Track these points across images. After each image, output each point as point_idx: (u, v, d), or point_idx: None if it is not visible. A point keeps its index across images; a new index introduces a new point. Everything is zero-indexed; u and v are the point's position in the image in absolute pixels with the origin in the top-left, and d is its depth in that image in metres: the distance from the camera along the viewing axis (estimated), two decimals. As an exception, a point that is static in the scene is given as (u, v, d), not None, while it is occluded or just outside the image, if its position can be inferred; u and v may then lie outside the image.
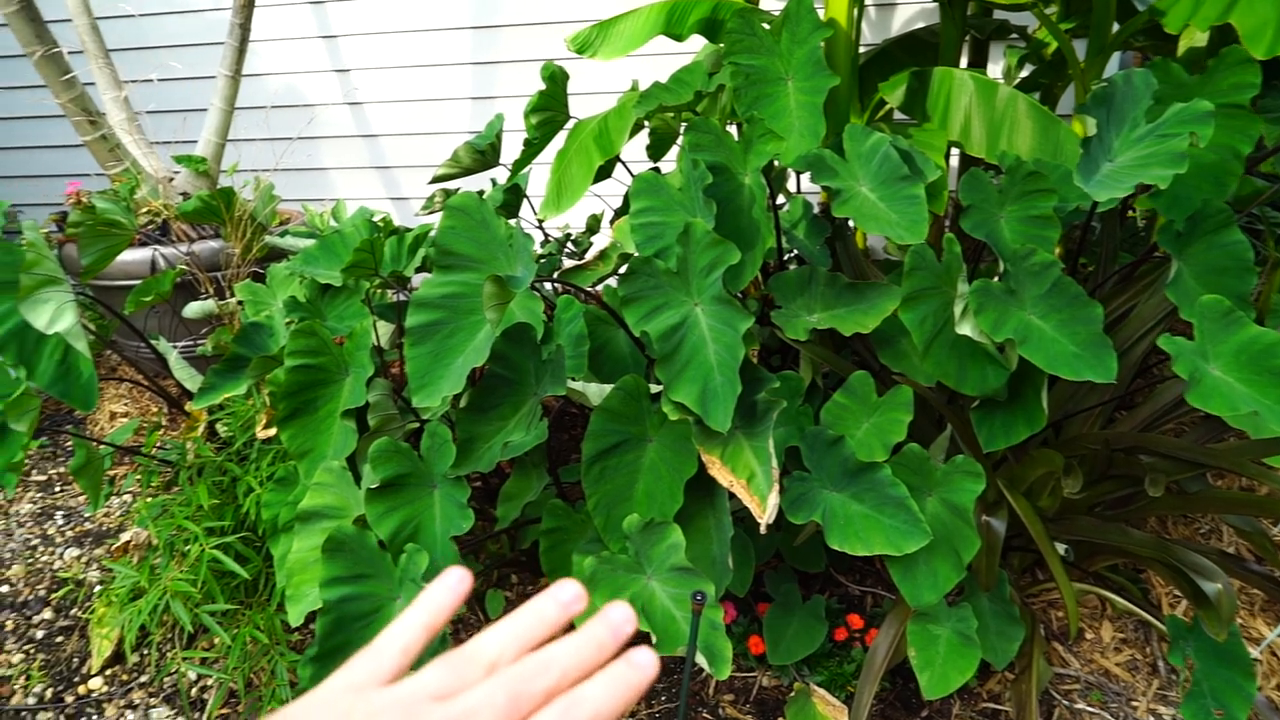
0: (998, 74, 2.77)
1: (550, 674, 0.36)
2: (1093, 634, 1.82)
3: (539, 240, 2.51)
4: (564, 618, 0.39)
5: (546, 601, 0.39)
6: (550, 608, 0.39)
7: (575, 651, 0.37)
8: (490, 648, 0.37)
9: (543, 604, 0.39)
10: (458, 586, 0.40)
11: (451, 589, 0.40)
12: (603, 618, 0.38)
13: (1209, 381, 1.29)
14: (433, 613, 0.39)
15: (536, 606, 0.39)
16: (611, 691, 0.35)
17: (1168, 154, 1.36)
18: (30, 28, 2.60)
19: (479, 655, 0.37)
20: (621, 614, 0.38)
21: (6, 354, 1.81)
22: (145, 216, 2.80)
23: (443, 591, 0.39)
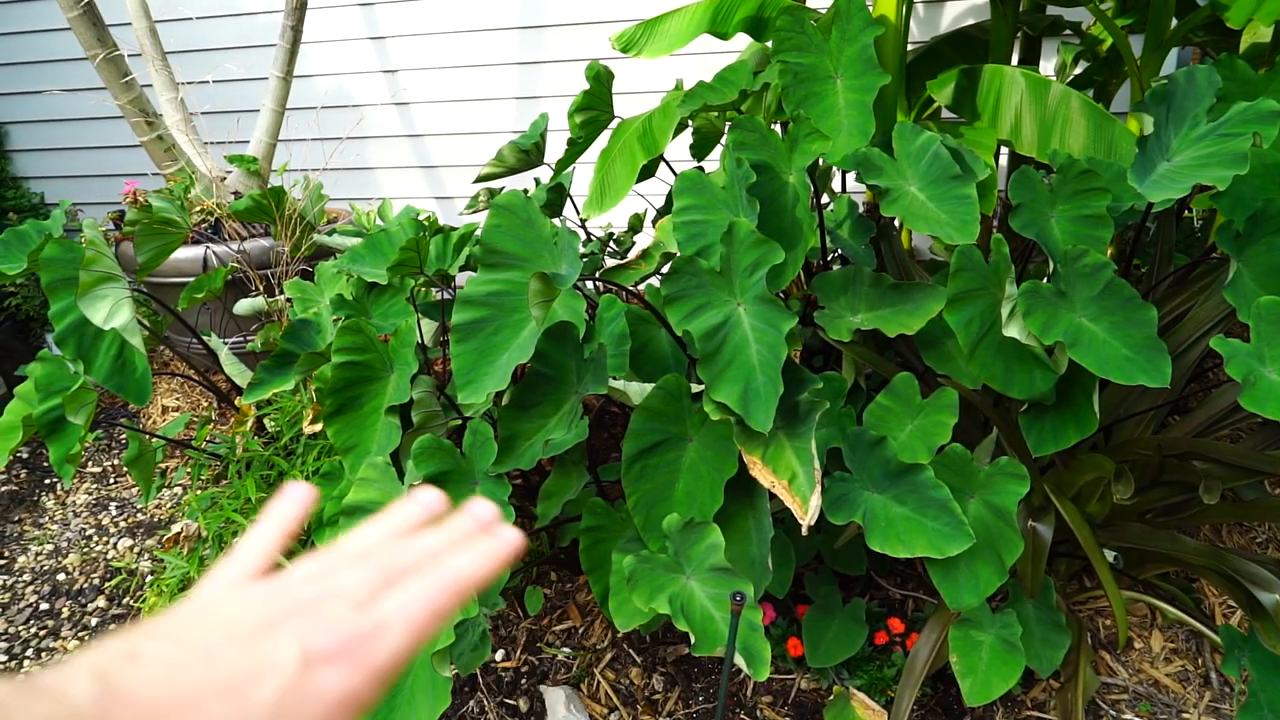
0: (1050, 71, 2.71)
1: (417, 550, 0.37)
2: (1142, 643, 1.78)
3: (581, 239, 2.52)
4: (426, 517, 0.40)
5: (408, 504, 0.41)
6: (412, 509, 0.40)
7: (443, 535, 0.39)
8: (359, 540, 0.39)
9: (405, 506, 0.40)
10: (302, 497, 0.41)
11: (297, 500, 0.41)
12: (467, 512, 0.40)
13: (1265, 385, 1.26)
14: (282, 523, 0.40)
15: (399, 508, 0.40)
16: (476, 557, 0.37)
17: (1229, 154, 1.32)
18: (92, 31, 2.68)
19: (346, 548, 0.38)
20: (485, 507, 0.40)
21: (66, 348, 1.86)
22: (198, 215, 2.86)
23: (288, 504, 0.41)
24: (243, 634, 0.33)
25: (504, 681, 1.81)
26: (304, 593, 0.35)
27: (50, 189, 3.98)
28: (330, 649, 0.33)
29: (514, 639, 1.90)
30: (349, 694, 0.32)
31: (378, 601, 0.35)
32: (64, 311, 1.86)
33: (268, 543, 0.40)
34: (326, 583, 0.36)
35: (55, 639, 2.07)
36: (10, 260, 2.05)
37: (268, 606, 0.34)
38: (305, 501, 0.41)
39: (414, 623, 0.35)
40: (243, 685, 0.31)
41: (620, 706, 1.74)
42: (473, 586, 0.37)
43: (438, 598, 0.36)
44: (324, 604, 0.34)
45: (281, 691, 0.31)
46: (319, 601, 0.35)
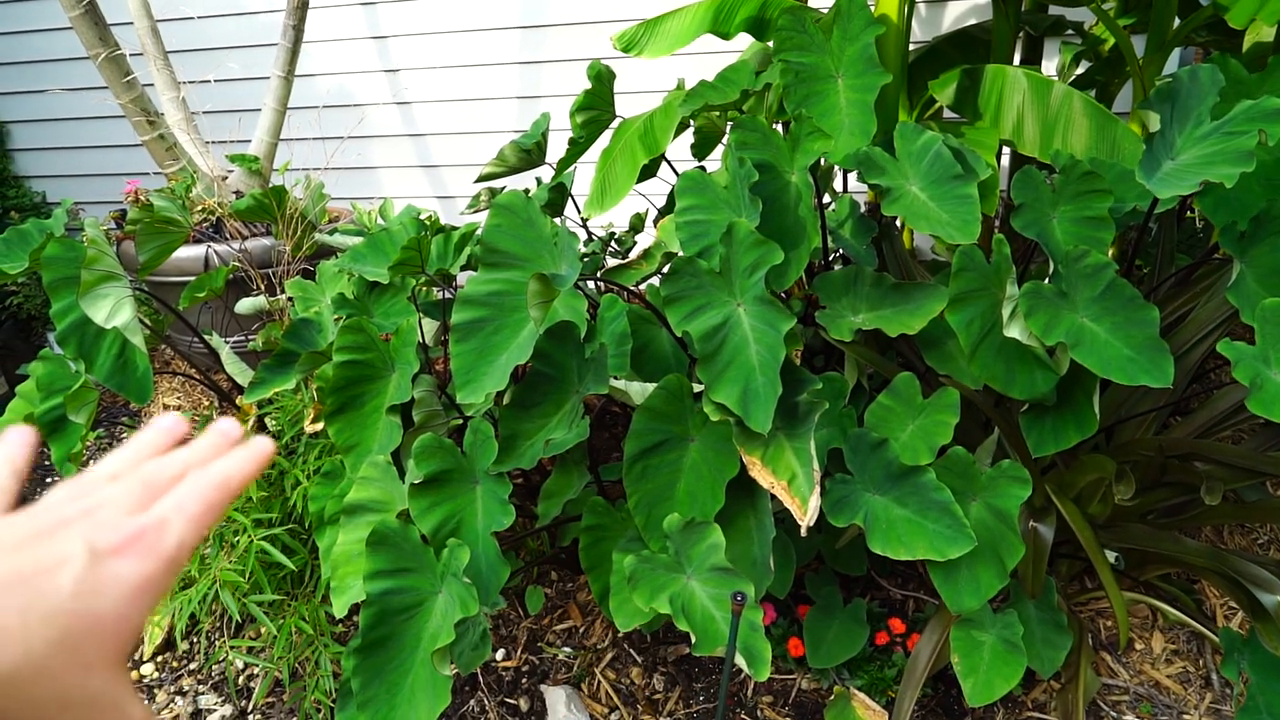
0: (1052, 71, 2.71)
1: (175, 464, 0.39)
2: (1143, 644, 1.78)
3: (583, 239, 2.52)
4: (171, 441, 0.41)
5: (150, 431, 0.41)
6: (154, 434, 0.41)
7: (194, 450, 0.40)
8: (108, 466, 0.39)
9: (147, 433, 0.41)
10: (22, 439, 0.41)
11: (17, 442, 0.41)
12: (212, 430, 0.41)
13: (1272, 387, 1.25)
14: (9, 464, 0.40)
15: (141, 435, 0.41)
16: (237, 460, 0.39)
17: (1234, 152, 1.32)
18: (94, 30, 2.68)
19: (99, 472, 0.39)
20: (228, 424, 0.42)
21: (67, 347, 1.86)
22: (200, 214, 2.86)
23: (8, 446, 0.41)
24: (22, 542, 0.33)
25: (504, 681, 1.81)
26: (71, 509, 0.36)
27: (52, 188, 3.98)
28: (117, 543, 0.34)
29: (514, 638, 1.90)
30: (144, 579, 0.33)
31: (151, 506, 0.36)
32: (65, 310, 1.86)
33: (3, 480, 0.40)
34: (91, 499, 0.36)
35: None
36: (12, 259, 2.05)
37: (38, 523, 0.35)
38: (26, 442, 0.41)
39: (191, 515, 0.36)
40: (36, 576, 0.32)
41: (621, 706, 1.74)
42: (238, 485, 0.39)
43: (208, 493, 0.37)
44: (97, 512, 0.35)
45: (78, 579, 0.32)
46: (91, 511, 0.35)
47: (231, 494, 0.38)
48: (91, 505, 0.36)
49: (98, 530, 0.34)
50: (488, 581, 1.39)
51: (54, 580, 0.32)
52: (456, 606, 1.27)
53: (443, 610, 1.31)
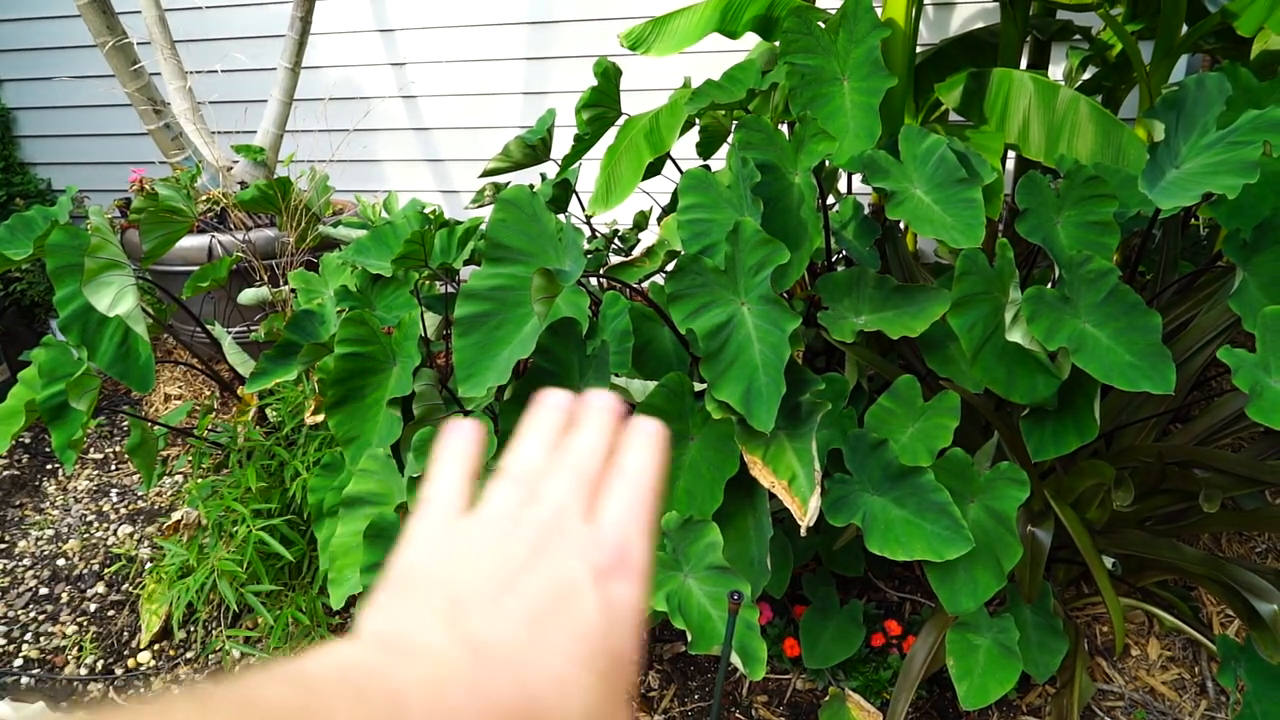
0: (1059, 76, 2.71)
1: (595, 455, 0.37)
2: (1139, 650, 1.78)
3: (586, 236, 2.52)
4: (565, 420, 0.40)
5: (543, 413, 0.40)
6: (549, 415, 0.40)
7: (598, 433, 0.38)
8: (529, 457, 0.38)
9: (541, 415, 0.40)
10: (473, 435, 0.39)
11: (469, 438, 0.39)
12: (594, 405, 0.40)
13: (1272, 395, 1.25)
14: (465, 461, 0.38)
15: (538, 419, 0.39)
16: (648, 455, 0.37)
17: (1239, 162, 1.32)
18: (102, 19, 2.68)
19: (525, 465, 0.37)
20: (605, 397, 0.40)
21: (70, 334, 1.86)
22: (204, 204, 2.87)
23: (461, 442, 0.39)
24: (523, 563, 0.32)
25: (500, 676, 1.81)
26: (533, 515, 0.34)
27: (57, 175, 3.99)
28: (607, 563, 0.32)
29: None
30: (638, 604, 0.32)
31: (598, 512, 0.34)
32: (69, 298, 1.87)
33: (459, 481, 0.38)
34: (543, 504, 0.34)
35: (54, 623, 2.07)
36: (16, 245, 2.05)
37: (514, 534, 0.33)
38: (478, 440, 0.39)
39: (644, 524, 0.34)
40: (560, 608, 0.30)
41: (616, 703, 1.74)
42: (658, 484, 0.37)
43: (645, 499, 0.35)
44: (563, 521, 0.33)
45: (598, 609, 0.30)
46: (556, 520, 0.34)
47: (657, 497, 0.36)
48: (551, 514, 0.34)
49: (582, 547, 0.32)
50: (485, 576, 1.39)
51: (579, 612, 0.30)
52: (454, 600, 1.27)
53: (440, 603, 1.31)
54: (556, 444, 0.38)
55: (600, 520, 0.34)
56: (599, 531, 0.33)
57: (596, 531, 0.33)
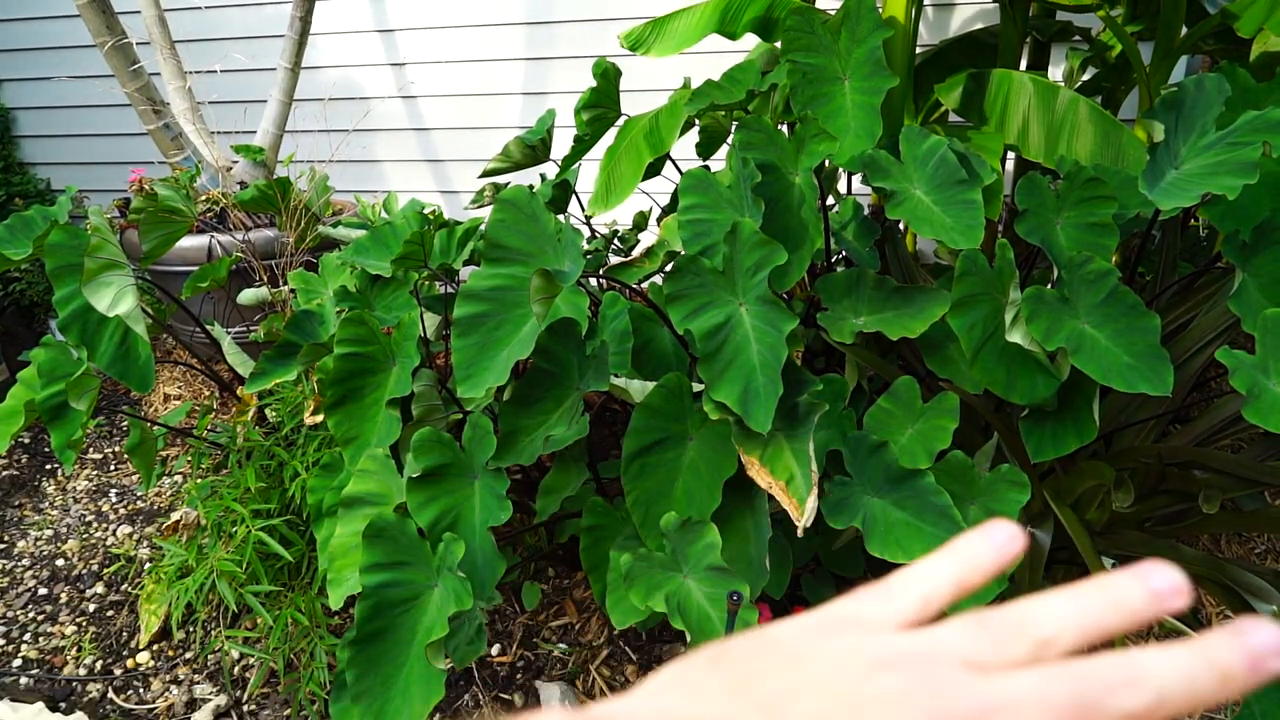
0: (1058, 77, 2.71)
1: (1142, 692, 0.24)
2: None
3: (586, 236, 2.52)
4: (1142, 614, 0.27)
5: (1128, 584, 0.27)
6: (1133, 592, 0.27)
7: (1178, 670, 0.25)
8: (1045, 620, 0.27)
9: (1123, 586, 0.27)
10: (1007, 545, 0.30)
11: (997, 547, 0.30)
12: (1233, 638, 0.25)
13: (1270, 397, 1.25)
14: (968, 567, 0.30)
15: (1113, 588, 0.27)
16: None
17: (1238, 163, 1.32)
18: (101, 19, 2.68)
19: (1027, 623, 0.27)
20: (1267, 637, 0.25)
21: (69, 334, 1.86)
22: (204, 204, 2.86)
23: (984, 545, 0.30)
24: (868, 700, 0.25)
25: (499, 676, 1.81)
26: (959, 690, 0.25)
27: (57, 175, 3.99)
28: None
29: (510, 634, 1.90)
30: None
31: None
32: (68, 298, 1.87)
33: (936, 586, 0.30)
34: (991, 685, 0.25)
35: (53, 624, 2.07)
36: (16, 245, 2.05)
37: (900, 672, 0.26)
38: (1009, 552, 0.30)
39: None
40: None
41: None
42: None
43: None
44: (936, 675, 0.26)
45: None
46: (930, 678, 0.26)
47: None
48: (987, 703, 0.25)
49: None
50: (484, 576, 1.39)
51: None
52: (452, 600, 1.27)
53: (438, 604, 1.31)
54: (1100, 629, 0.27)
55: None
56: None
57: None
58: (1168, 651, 0.25)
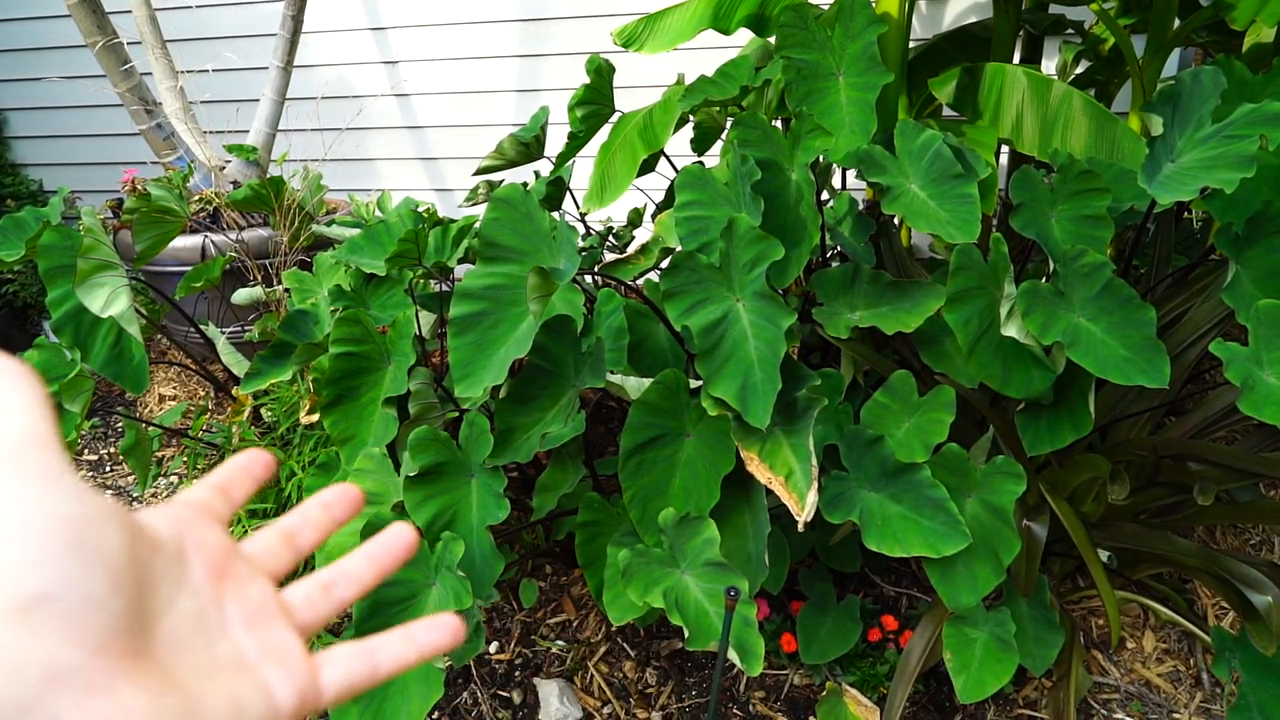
0: (1052, 70, 2.71)
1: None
2: (1134, 643, 1.79)
3: (581, 233, 2.52)
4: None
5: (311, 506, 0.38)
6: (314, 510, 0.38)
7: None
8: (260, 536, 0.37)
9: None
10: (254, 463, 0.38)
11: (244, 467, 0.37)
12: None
13: (1263, 388, 1.26)
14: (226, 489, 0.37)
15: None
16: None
17: (1235, 156, 1.32)
18: (92, 18, 2.67)
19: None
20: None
21: (63, 336, 1.86)
22: (197, 204, 2.85)
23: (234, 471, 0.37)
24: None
25: (497, 673, 1.81)
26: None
27: (49, 176, 3.97)
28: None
29: (508, 631, 1.90)
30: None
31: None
32: (61, 299, 1.86)
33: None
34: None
35: None
36: (8, 247, 2.04)
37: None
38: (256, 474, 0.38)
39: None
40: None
41: (613, 700, 1.74)
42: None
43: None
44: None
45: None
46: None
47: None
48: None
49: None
50: (482, 575, 1.39)
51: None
52: (451, 599, 1.27)
53: (437, 603, 1.31)
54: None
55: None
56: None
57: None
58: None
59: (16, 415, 0.28)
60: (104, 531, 0.26)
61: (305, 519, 0.37)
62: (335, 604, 0.36)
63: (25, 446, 0.27)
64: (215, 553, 0.32)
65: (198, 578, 0.31)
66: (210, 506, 0.35)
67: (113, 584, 0.26)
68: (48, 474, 0.26)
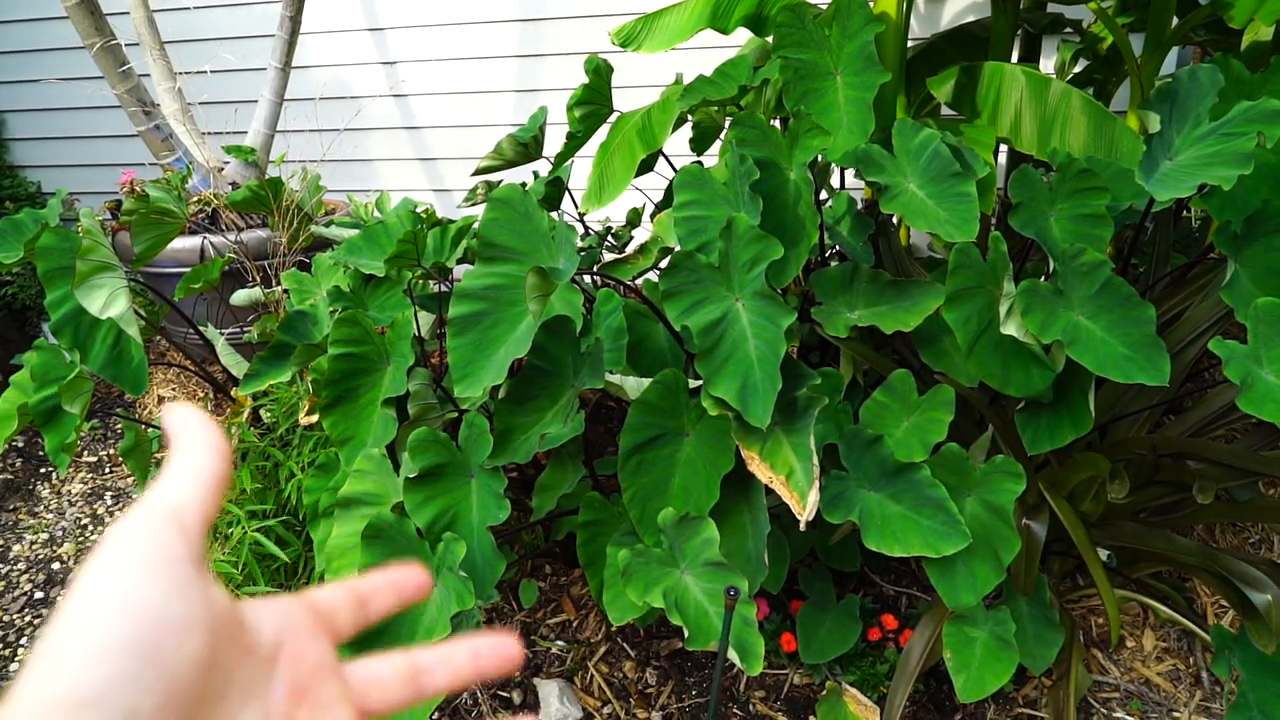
0: (1050, 69, 2.71)
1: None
2: (1134, 642, 1.79)
3: (579, 233, 2.52)
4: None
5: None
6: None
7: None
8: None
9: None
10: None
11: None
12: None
13: (1262, 387, 1.26)
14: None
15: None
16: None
17: (1233, 154, 1.32)
18: (90, 20, 2.66)
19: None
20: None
21: (62, 337, 1.85)
22: (196, 205, 2.85)
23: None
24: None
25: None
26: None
27: (47, 178, 3.97)
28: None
29: (508, 631, 1.90)
30: None
31: None
32: (60, 300, 1.86)
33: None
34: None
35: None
36: (7, 249, 2.04)
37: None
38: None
39: None
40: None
41: (613, 700, 1.74)
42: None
43: None
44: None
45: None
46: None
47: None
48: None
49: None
50: (483, 575, 1.39)
51: None
52: (452, 600, 1.27)
53: (438, 604, 1.31)
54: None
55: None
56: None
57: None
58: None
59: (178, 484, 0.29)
60: (186, 639, 0.26)
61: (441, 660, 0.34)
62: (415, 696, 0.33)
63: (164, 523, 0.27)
64: (307, 669, 0.30)
65: (276, 693, 0.29)
66: (333, 615, 0.33)
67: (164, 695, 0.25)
68: (167, 560, 0.26)
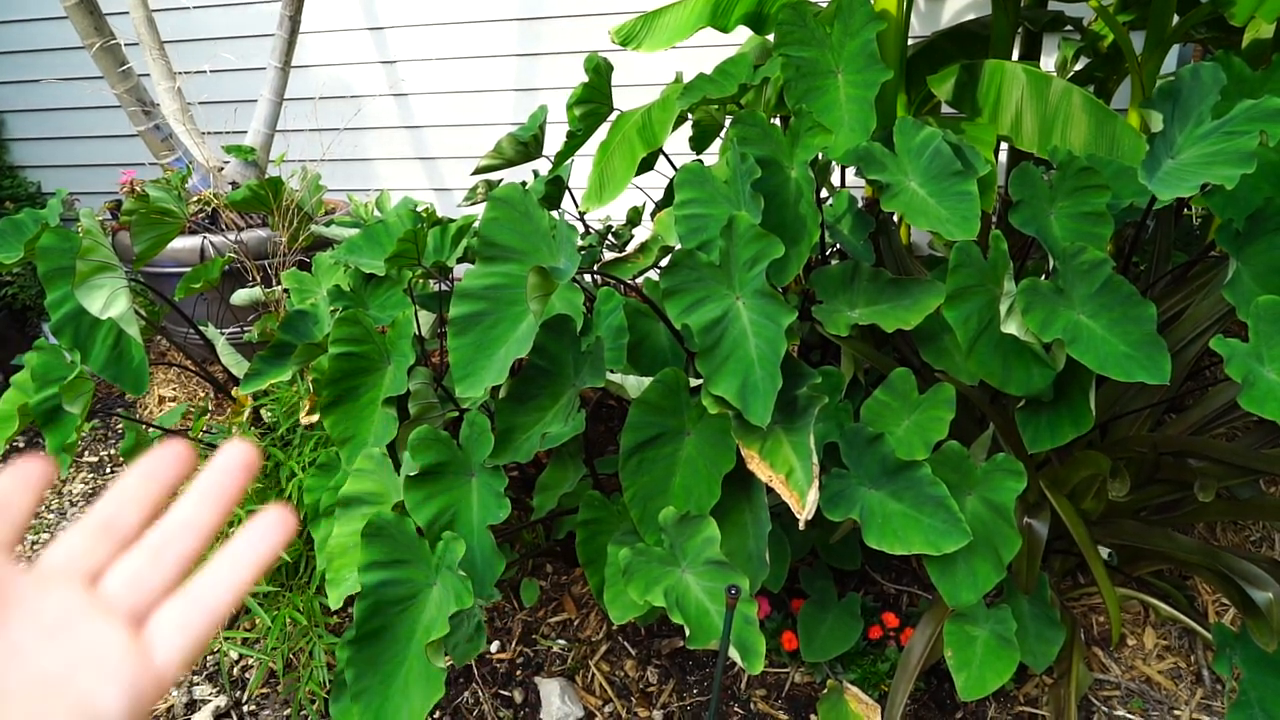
0: (1051, 67, 2.71)
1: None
2: (1135, 640, 1.79)
3: (580, 232, 2.52)
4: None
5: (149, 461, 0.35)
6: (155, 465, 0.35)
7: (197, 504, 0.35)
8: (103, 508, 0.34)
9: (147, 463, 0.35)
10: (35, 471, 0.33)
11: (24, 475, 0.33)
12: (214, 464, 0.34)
13: (1264, 385, 1.26)
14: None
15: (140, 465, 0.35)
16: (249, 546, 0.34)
17: (1235, 152, 1.32)
18: (89, 20, 2.66)
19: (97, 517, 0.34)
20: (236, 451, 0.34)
21: (62, 338, 1.85)
22: (196, 205, 2.85)
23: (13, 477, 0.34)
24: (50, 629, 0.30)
25: (499, 673, 1.81)
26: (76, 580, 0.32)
27: (47, 178, 3.97)
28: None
29: (509, 630, 1.90)
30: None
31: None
32: (60, 301, 1.86)
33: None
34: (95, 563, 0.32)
35: None
36: (7, 249, 2.04)
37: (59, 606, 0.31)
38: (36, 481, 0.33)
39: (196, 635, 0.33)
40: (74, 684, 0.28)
41: (614, 699, 1.74)
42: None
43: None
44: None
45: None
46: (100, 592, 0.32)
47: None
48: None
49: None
50: (483, 574, 1.39)
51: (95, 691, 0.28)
52: (451, 599, 1.27)
53: (438, 602, 1.31)
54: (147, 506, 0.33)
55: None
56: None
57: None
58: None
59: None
60: None
61: (123, 499, 0.34)
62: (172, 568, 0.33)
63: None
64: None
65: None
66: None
67: None
68: None
